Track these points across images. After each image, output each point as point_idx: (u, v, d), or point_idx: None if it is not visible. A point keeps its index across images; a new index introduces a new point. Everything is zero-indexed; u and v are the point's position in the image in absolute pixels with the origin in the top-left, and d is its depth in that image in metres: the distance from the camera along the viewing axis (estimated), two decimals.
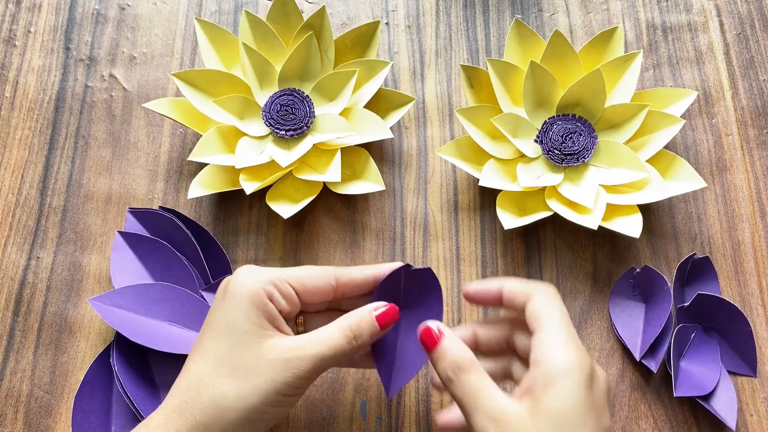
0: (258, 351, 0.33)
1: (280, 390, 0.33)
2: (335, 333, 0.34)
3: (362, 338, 0.35)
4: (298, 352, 0.33)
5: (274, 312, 0.34)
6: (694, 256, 0.45)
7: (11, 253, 0.47)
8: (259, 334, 0.34)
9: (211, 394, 0.32)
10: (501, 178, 0.46)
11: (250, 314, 0.34)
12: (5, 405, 0.43)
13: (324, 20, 0.48)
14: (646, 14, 0.53)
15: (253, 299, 0.34)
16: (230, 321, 0.34)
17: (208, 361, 0.33)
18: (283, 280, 0.35)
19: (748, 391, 0.43)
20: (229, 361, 0.33)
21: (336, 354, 0.34)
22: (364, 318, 0.35)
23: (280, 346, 0.33)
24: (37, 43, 0.52)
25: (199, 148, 0.45)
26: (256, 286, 0.34)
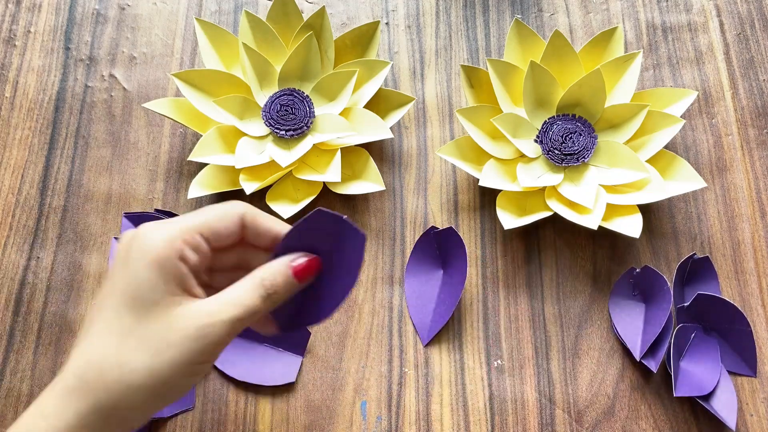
0: (168, 321, 0.30)
1: (194, 360, 0.30)
2: (248, 292, 0.31)
3: (278, 294, 0.32)
4: (210, 318, 0.30)
5: (185, 273, 0.31)
6: (694, 256, 0.45)
7: (11, 253, 0.47)
8: (167, 302, 0.30)
9: (117, 373, 0.29)
10: (501, 178, 0.46)
11: (158, 280, 0.30)
12: (5, 405, 0.43)
13: (324, 20, 0.48)
14: (646, 14, 0.53)
15: (161, 262, 0.30)
16: (136, 290, 0.30)
17: (111, 336, 0.30)
18: (191, 230, 0.31)
19: (748, 391, 0.43)
20: (136, 335, 0.30)
21: (251, 314, 0.31)
22: (279, 271, 0.32)
23: (191, 313, 0.30)
24: (37, 43, 0.52)
25: (199, 148, 0.45)
26: (164, 247, 0.30)
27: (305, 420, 0.43)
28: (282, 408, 0.43)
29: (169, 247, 0.31)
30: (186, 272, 0.31)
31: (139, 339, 0.30)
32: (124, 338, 0.30)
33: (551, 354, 0.44)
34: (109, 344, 0.30)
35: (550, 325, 0.45)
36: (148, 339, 0.30)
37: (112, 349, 0.30)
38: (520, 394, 0.43)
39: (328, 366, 0.44)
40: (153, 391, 0.30)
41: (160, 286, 0.30)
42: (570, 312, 0.45)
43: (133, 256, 0.31)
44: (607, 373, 0.44)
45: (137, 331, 0.30)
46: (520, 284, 0.46)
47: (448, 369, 0.44)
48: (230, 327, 0.31)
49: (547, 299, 0.46)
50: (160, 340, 0.30)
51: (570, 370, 0.44)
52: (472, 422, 0.43)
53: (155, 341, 0.30)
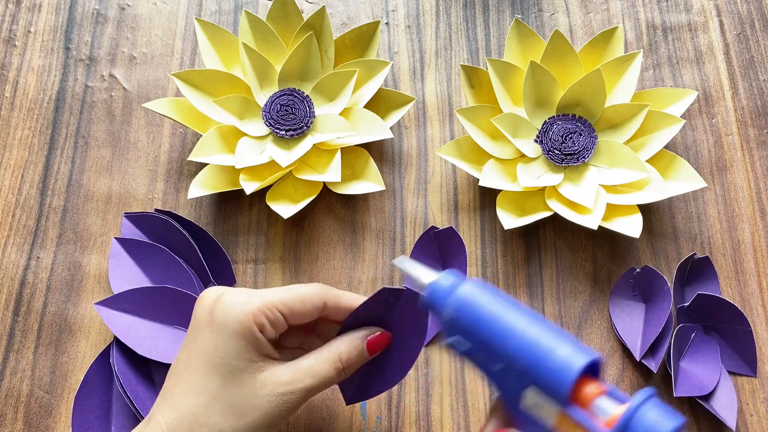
0: (252, 387, 0.33)
1: (271, 422, 0.33)
2: (325, 364, 0.34)
3: (351, 368, 0.35)
4: (290, 387, 0.33)
5: (264, 343, 0.34)
6: (694, 256, 0.45)
7: (11, 253, 0.47)
8: (251, 369, 0.33)
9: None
10: (501, 178, 0.46)
11: (242, 350, 0.33)
12: (5, 405, 0.43)
13: (324, 20, 0.48)
14: (646, 14, 0.53)
15: (244, 333, 0.33)
16: (222, 357, 0.33)
17: (200, 398, 0.33)
18: (272, 306, 0.34)
19: (748, 391, 0.43)
20: (224, 399, 0.33)
21: (325, 385, 0.34)
22: (355, 347, 0.35)
23: (273, 380, 0.33)
24: (37, 43, 0.52)
25: (199, 148, 0.45)
26: (246, 318, 0.33)
27: (305, 420, 0.43)
28: None
29: (251, 320, 0.33)
30: (265, 343, 0.34)
31: (226, 403, 0.33)
32: (213, 400, 0.33)
33: None
34: (199, 404, 0.33)
35: None
36: (234, 403, 0.33)
37: (201, 410, 0.32)
38: None
39: None
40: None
41: (244, 355, 0.33)
42: (570, 312, 0.45)
43: (219, 322, 0.33)
44: (607, 373, 0.44)
45: (224, 395, 0.33)
46: (520, 284, 0.46)
47: (448, 369, 0.44)
48: (306, 395, 0.34)
49: (547, 299, 0.46)
50: (245, 405, 0.33)
51: None
52: (472, 422, 0.43)
53: (240, 405, 0.33)
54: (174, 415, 0.33)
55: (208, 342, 0.33)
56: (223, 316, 0.33)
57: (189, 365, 0.34)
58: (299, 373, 0.34)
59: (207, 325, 0.34)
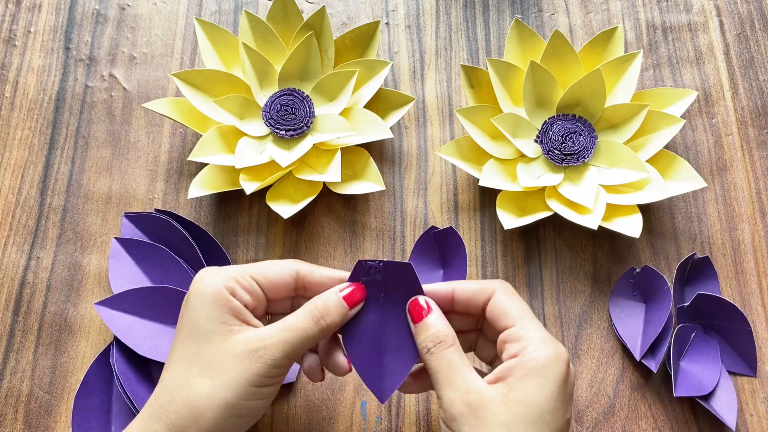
0: (224, 347, 0.33)
1: (252, 381, 0.33)
2: (301, 316, 0.34)
3: (330, 318, 0.35)
4: (264, 341, 0.33)
5: (238, 306, 0.34)
6: (694, 256, 0.45)
7: (11, 253, 0.47)
8: (223, 330, 0.34)
9: (183, 397, 0.33)
10: (501, 178, 0.46)
11: (212, 312, 0.34)
12: (5, 405, 0.43)
13: (324, 20, 0.48)
14: (646, 14, 0.53)
15: (214, 297, 0.34)
16: (195, 322, 0.34)
17: (178, 364, 0.34)
18: (244, 274, 0.35)
19: (748, 391, 0.43)
20: (198, 361, 0.33)
21: (305, 338, 0.34)
22: (330, 299, 0.35)
23: (245, 339, 0.34)
24: (37, 43, 0.52)
25: (199, 148, 0.45)
26: (216, 284, 0.34)
27: (305, 420, 0.43)
28: (282, 408, 0.43)
29: (221, 285, 0.34)
30: (239, 306, 0.35)
31: (201, 364, 0.33)
32: (189, 363, 0.34)
33: None
34: (177, 370, 0.34)
35: (550, 325, 0.45)
36: (207, 364, 0.33)
37: (179, 374, 0.34)
38: None
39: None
40: (217, 413, 0.33)
41: (215, 317, 0.34)
42: (570, 312, 0.45)
43: (192, 295, 0.35)
44: (607, 373, 0.44)
45: (199, 357, 0.34)
46: (520, 284, 0.46)
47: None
48: (285, 348, 0.34)
49: (547, 299, 0.46)
50: (219, 364, 0.33)
51: None
52: None
53: (214, 365, 0.33)
54: (160, 386, 0.34)
55: (184, 316, 0.35)
56: (197, 287, 0.35)
57: (174, 342, 0.35)
58: (273, 328, 0.34)
59: (185, 303, 0.35)
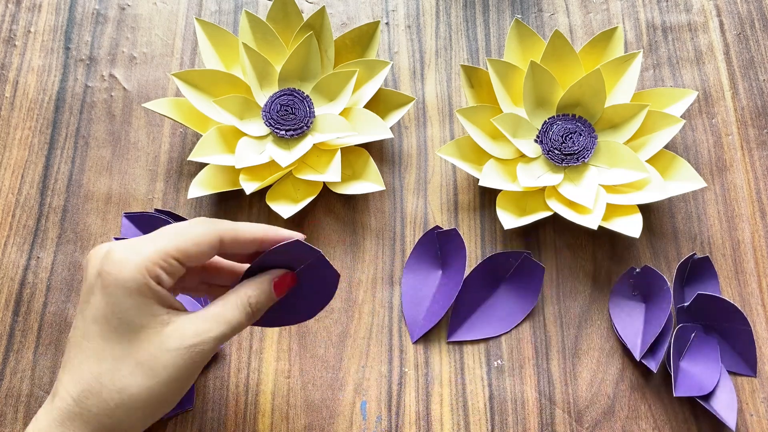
0: (159, 343, 0.31)
1: (185, 375, 0.32)
2: (234, 310, 0.33)
3: (261, 311, 0.35)
4: (199, 337, 0.32)
5: (164, 294, 0.32)
6: (694, 256, 0.45)
7: (11, 253, 0.47)
8: (154, 324, 0.31)
9: (116, 398, 0.31)
10: (501, 178, 0.46)
11: (140, 306, 0.31)
12: (5, 405, 0.43)
13: (324, 20, 0.48)
14: (646, 14, 0.53)
15: (140, 289, 0.31)
16: (120, 318, 0.31)
17: (104, 363, 0.31)
18: (166, 255, 0.32)
19: (748, 391, 0.43)
20: (130, 359, 0.31)
21: (236, 330, 0.33)
22: (263, 291, 0.35)
23: (180, 333, 0.32)
24: (37, 43, 0.52)
25: (199, 148, 0.45)
26: (139, 272, 0.31)
27: (305, 420, 0.43)
28: (282, 408, 0.43)
29: (144, 273, 0.31)
30: (165, 294, 0.32)
31: (133, 363, 0.31)
32: (118, 363, 0.31)
33: (551, 354, 0.44)
34: (105, 370, 0.31)
35: (550, 325, 0.45)
36: (141, 362, 0.31)
37: (107, 375, 0.31)
38: (520, 394, 0.43)
39: (328, 366, 0.44)
40: (151, 410, 0.32)
41: (144, 311, 0.31)
42: (570, 312, 0.45)
43: (110, 283, 0.31)
44: (607, 373, 0.44)
45: (129, 355, 0.31)
46: None
47: (448, 369, 0.44)
48: (217, 344, 0.33)
49: (547, 299, 0.46)
50: (154, 362, 0.31)
51: (570, 370, 0.44)
52: (472, 422, 0.43)
53: (149, 363, 0.31)
54: (79, 387, 0.31)
55: (103, 305, 0.31)
56: (115, 275, 0.31)
57: (87, 332, 0.32)
58: (208, 322, 0.32)
59: (99, 288, 0.31)
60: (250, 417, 0.43)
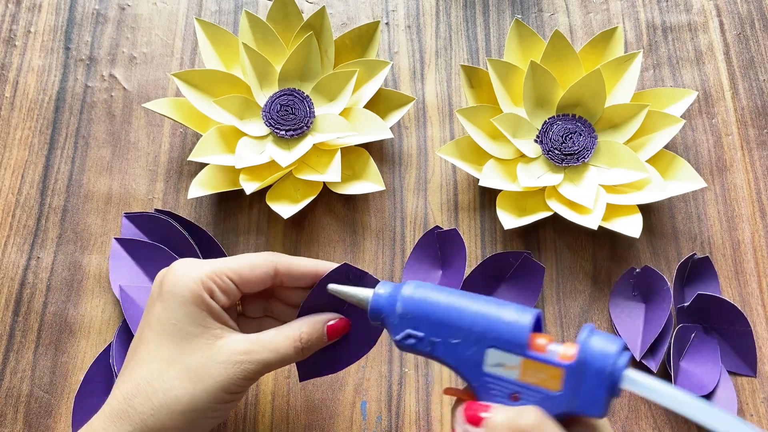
0: (209, 353, 0.33)
1: (229, 389, 0.33)
2: (285, 342, 0.35)
3: (310, 350, 0.36)
4: (248, 356, 0.33)
5: (217, 309, 0.34)
6: (694, 256, 0.45)
7: (11, 253, 0.47)
8: (206, 335, 0.33)
9: (162, 399, 0.32)
10: (501, 178, 0.46)
11: (194, 316, 0.33)
12: (5, 405, 0.43)
13: (324, 20, 0.48)
14: (646, 14, 0.53)
15: (194, 299, 0.33)
16: (175, 323, 0.33)
17: (154, 365, 0.33)
18: (221, 273, 0.34)
19: (748, 391, 0.43)
20: (179, 364, 0.33)
21: (283, 362, 0.35)
22: (316, 330, 0.36)
23: (230, 347, 0.33)
24: (37, 43, 0.52)
25: (199, 148, 0.45)
26: (194, 286, 0.33)
27: (305, 420, 0.43)
28: (282, 408, 0.43)
29: (200, 286, 0.33)
30: (218, 309, 0.34)
31: (181, 367, 0.33)
32: (167, 366, 0.33)
33: None
34: (154, 371, 0.33)
35: (550, 325, 0.45)
36: (189, 368, 0.33)
37: (156, 375, 0.33)
38: None
39: None
40: (192, 416, 0.33)
41: (197, 321, 0.33)
42: (570, 312, 0.45)
43: (168, 294, 0.34)
44: None
45: (179, 360, 0.33)
46: None
47: (448, 369, 0.44)
48: (263, 367, 0.34)
49: (547, 299, 0.46)
50: (201, 370, 0.33)
51: None
52: None
53: (197, 370, 0.33)
54: (130, 385, 0.33)
55: (159, 312, 0.34)
56: (172, 285, 0.33)
57: (143, 337, 0.34)
58: (258, 344, 0.34)
59: (158, 297, 0.34)
60: (250, 417, 0.43)
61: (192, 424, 0.33)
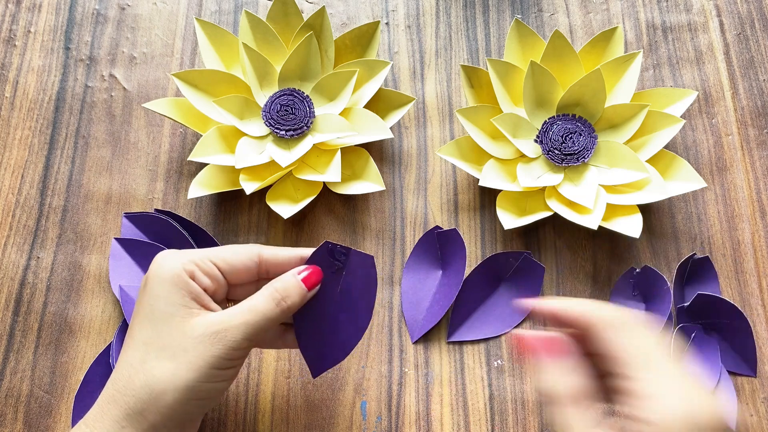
0: (183, 329, 0.33)
1: (213, 364, 0.33)
2: (262, 299, 0.34)
3: (290, 300, 0.35)
4: (225, 324, 0.33)
5: (197, 290, 0.34)
6: (694, 256, 0.45)
7: (11, 253, 0.47)
8: (183, 313, 0.33)
9: (142, 380, 0.32)
10: (501, 178, 0.46)
11: (171, 295, 0.33)
12: (5, 405, 0.43)
13: (324, 20, 0.48)
14: (646, 14, 0.53)
15: (173, 280, 0.34)
16: (153, 305, 0.34)
17: (136, 349, 0.33)
18: (204, 258, 0.35)
19: (748, 391, 0.43)
20: (157, 344, 0.33)
21: (265, 319, 0.34)
22: (289, 281, 0.35)
23: (206, 321, 0.33)
24: (37, 43, 0.52)
25: (199, 148, 0.45)
26: (175, 267, 0.34)
27: (305, 420, 0.43)
28: (282, 408, 0.43)
29: (180, 268, 0.34)
30: (198, 290, 0.34)
31: (160, 347, 0.33)
32: (147, 347, 0.33)
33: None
34: (134, 355, 0.33)
35: (550, 324, 0.45)
36: (165, 346, 0.33)
37: (136, 358, 0.33)
38: (520, 394, 0.43)
39: None
40: (176, 396, 0.32)
41: (174, 300, 0.33)
42: None
43: (150, 278, 0.34)
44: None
45: (157, 340, 0.33)
46: None
47: (448, 369, 0.44)
48: (246, 330, 0.33)
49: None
50: (177, 347, 0.33)
51: None
52: (472, 422, 0.43)
53: (172, 348, 0.33)
54: (116, 372, 0.34)
55: (141, 297, 0.34)
56: (155, 270, 0.34)
57: (131, 326, 0.35)
58: (234, 311, 0.34)
59: (143, 285, 0.35)
60: (250, 417, 0.43)
61: (181, 403, 0.32)
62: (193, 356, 0.32)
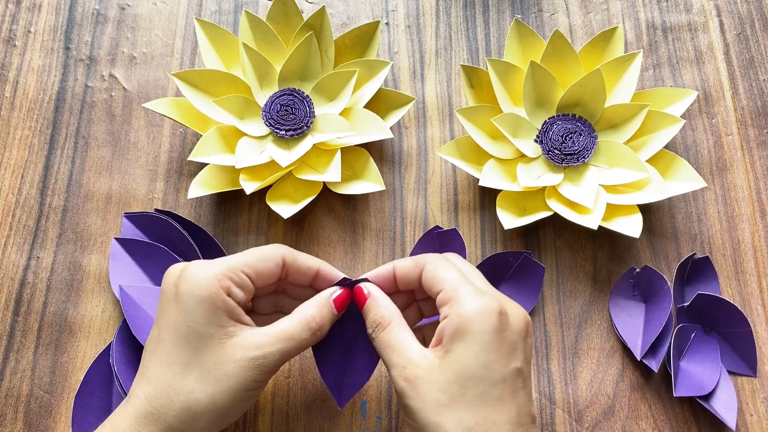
0: (224, 353, 0.33)
1: (248, 386, 0.34)
2: (298, 327, 0.35)
3: (324, 328, 0.36)
4: (264, 350, 0.34)
5: (234, 307, 0.34)
6: (694, 256, 0.45)
7: (11, 253, 0.47)
8: (221, 334, 0.34)
9: (183, 402, 0.33)
10: (501, 178, 0.46)
11: (210, 316, 0.33)
12: (5, 405, 0.43)
13: (324, 20, 0.48)
14: (646, 14, 0.53)
15: (211, 299, 0.33)
16: (191, 326, 0.33)
17: (174, 368, 0.33)
18: (236, 269, 0.35)
19: (748, 391, 0.43)
20: (198, 367, 0.33)
21: (300, 347, 0.35)
22: (324, 306, 0.36)
23: (244, 344, 0.34)
24: (37, 43, 0.52)
25: (199, 148, 0.45)
26: (211, 285, 0.34)
27: (305, 420, 0.43)
28: (282, 408, 0.43)
29: (217, 285, 0.34)
30: (234, 306, 0.34)
31: (200, 370, 0.33)
32: (187, 369, 0.33)
33: (551, 354, 0.44)
34: (174, 374, 0.33)
35: (550, 325, 0.45)
36: (207, 369, 0.33)
37: (176, 379, 0.33)
38: None
39: None
40: (214, 416, 0.33)
41: (213, 321, 0.34)
42: (570, 312, 0.45)
43: (184, 293, 0.34)
44: (607, 373, 0.44)
45: (197, 362, 0.33)
46: None
47: None
48: (280, 358, 0.34)
49: (547, 299, 0.46)
50: (219, 371, 0.33)
51: (570, 370, 0.44)
52: None
53: (214, 371, 0.33)
54: (151, 388, 0.34)
55: (176, 314, 0.34)
56: (189, 286, 0.34)
57: (161, 339, 0.34)
58: (271, 336, 0.34)
59: (174, 298, 0.34)
60: (250, 417, 0.43)
61: (215, 422, 0.34)
62: (234, 381, 0.33)
